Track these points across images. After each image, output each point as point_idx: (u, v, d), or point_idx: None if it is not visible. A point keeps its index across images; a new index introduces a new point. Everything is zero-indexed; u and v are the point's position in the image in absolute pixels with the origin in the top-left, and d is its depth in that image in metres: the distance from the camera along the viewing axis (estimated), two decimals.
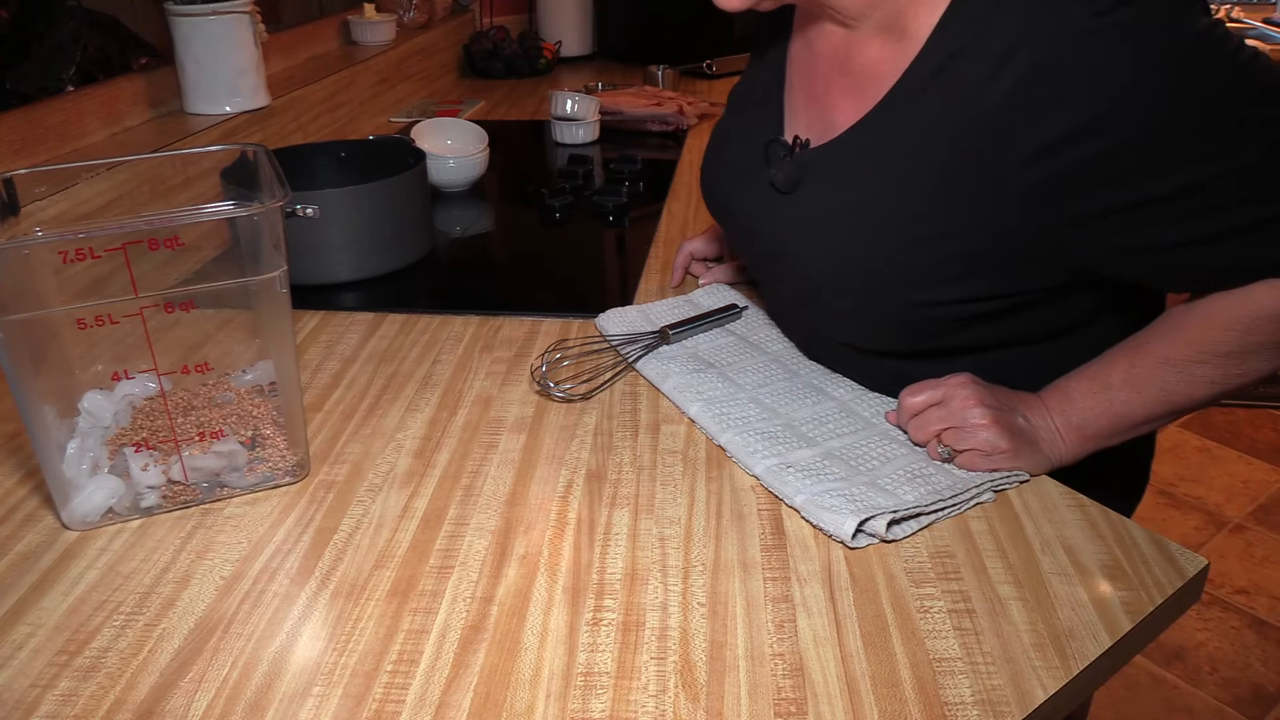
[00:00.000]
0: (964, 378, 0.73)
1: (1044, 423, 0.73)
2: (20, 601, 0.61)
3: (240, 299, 0.71)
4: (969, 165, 0.66)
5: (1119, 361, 0.72)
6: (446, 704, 0.53)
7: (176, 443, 0.70)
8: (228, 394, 0.77)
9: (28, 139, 1.08)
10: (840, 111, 0.76)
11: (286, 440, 0.74)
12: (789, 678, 0.55)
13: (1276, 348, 0.68)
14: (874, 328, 0.76)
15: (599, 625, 0.59)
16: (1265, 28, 2.65)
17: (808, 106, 0.80)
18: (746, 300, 0.98)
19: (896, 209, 0.70)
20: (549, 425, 0.80)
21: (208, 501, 0.71)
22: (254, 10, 1.35)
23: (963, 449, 0.71)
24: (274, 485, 0.72)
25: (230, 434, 0.72)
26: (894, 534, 0.65)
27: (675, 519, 0.68)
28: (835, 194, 0.75)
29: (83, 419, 0.72)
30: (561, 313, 1.00)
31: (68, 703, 0.54)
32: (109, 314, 0.65)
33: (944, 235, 0.68)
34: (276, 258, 0.67)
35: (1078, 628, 0.58)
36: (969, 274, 0.69)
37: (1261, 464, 2.28)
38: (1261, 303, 0.66)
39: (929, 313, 0.72)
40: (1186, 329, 0.70)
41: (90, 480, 0.68)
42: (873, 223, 0.71)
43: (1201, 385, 0.70)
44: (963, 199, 0.67)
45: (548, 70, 2.27)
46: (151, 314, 0.67)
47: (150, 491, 0.69)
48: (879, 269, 0.71)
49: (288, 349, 0.72)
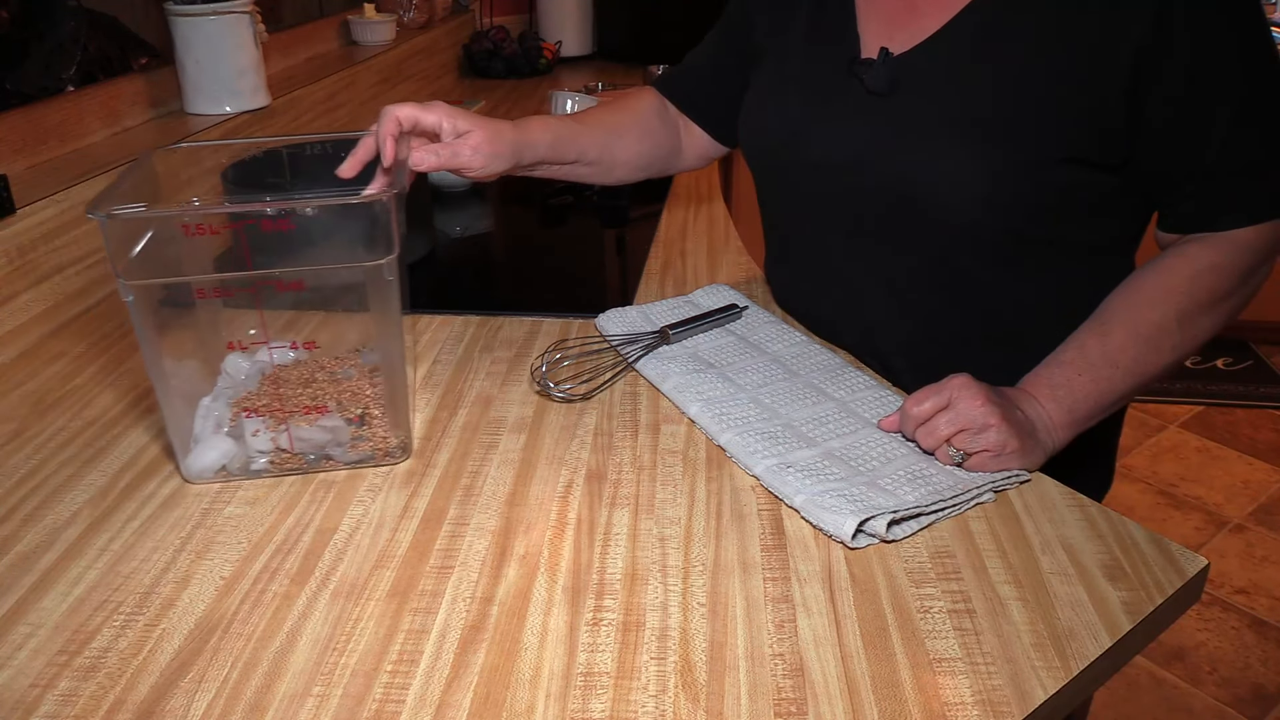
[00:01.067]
0: (964, 379, 0.73)
1: (1038, 413, 0.74)
2: (20, 601, 0.61)
3: (350, 284, 0.76)
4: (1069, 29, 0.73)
5: (1090, 342, 0.76)
6: (446, 704, 0.53)
7: (287, 413, 0.73)
8: (349, 370, 0.79)
9: (28, 139, 1.08)
10: (926, 16, 0.81)
11: (391, 421, 0.75)
12: (789, 678, 0.55)
13: (1217, 304, 0.77)
14: (974, 206, 0.78)
15: (599, 625, 0.59)
16: None
17: (889, 21, 0.84)
18: (747, 300, 0.98)
19: (1007, 73, 0.76)
20: (549, 425, 0.80)
21: (312, 471, 0.74)
22: (254, 10, 1.35)
23: (975, 450, 0.71)
24: (375, 464, 0.75)
25: (335, 410, 0.75)
26: (894, 534, 0.65)
27: (675, 519, 0.68)
28: (939, 88, 0.79)
29: (222, 379, 0.77)
30: (561, 313, 1.00)
31: (68, 703, 0.54)
32: (226, 286, 0.70)
33: (1049, 87, 0.75)
34: (387, 244, 0.70)
35: (1078, 628, 0.58)
36: (1072, 125, 0.75)
37: (1261, 464, 2.28)
38: (1199, 257, 0.76)
39: (1028, 179, 0.77)
40: (1144, 293, 0.77)
41: (211, 438, 0.73)
42: (976, 95, 0.78)
43: (1165, 352, 0.76)
44: (1074, 63, 0.74)
45: (548, 70, 2.27)
46: (265, 291, 0.70)
47: (260, 456, 0.73)
48: (994, 124, 0.77)
49: (395, 333, 0.74)
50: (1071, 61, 0.74)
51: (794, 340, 0.90)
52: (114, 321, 1.00)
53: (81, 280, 1.02)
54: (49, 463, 0.76)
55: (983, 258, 0.82)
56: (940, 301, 0.85)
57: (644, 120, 1.02)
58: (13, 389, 0.87)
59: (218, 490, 0.72)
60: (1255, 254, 0.77)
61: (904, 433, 0.74)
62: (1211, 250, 0.76)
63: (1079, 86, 0.74)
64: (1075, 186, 0.78)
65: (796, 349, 0.89)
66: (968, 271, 0.83)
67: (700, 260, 1.15)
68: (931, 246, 0.83)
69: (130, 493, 0.72)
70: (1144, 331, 0.75)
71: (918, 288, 0.85)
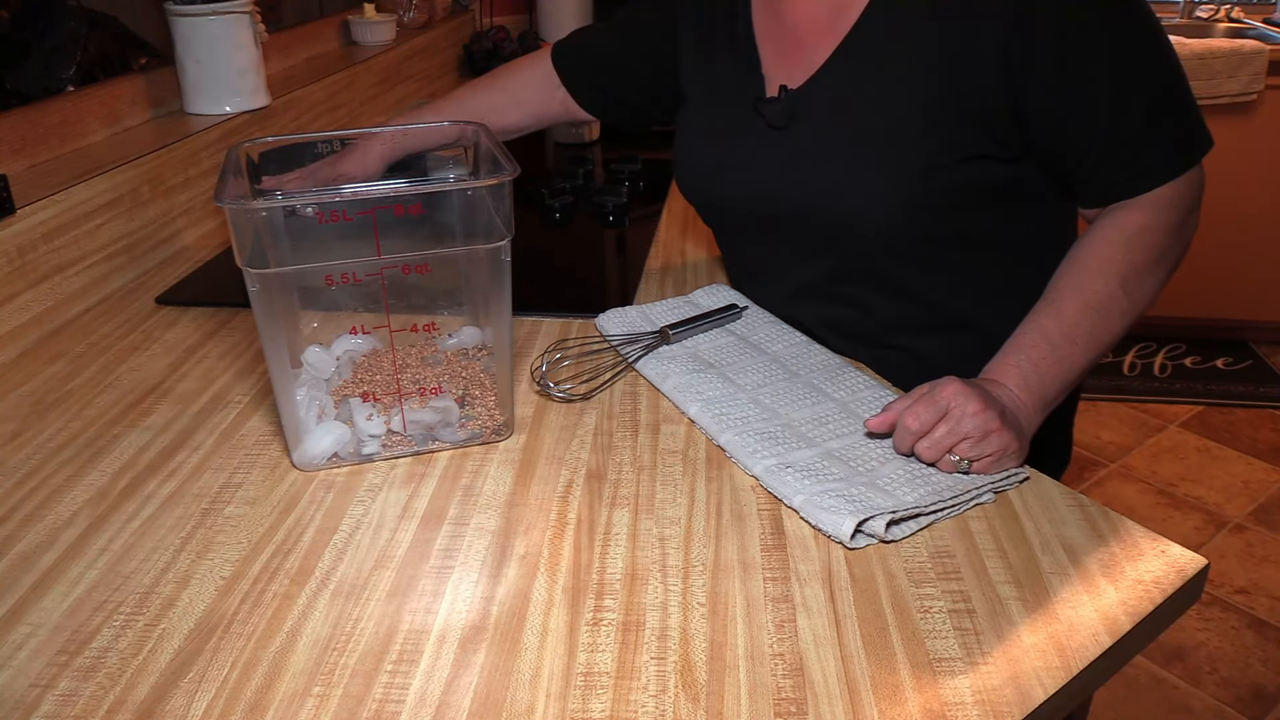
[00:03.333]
0: (955, 385, 0.71)
1: (1013, 400, 0.74)
2: (20, 601, 0.61)
3: (463, 266, 0.82)
4: (949, 40, 0.78)
5: (1047, 322, 0.77)
6: (446, 704, 0.53)
7: (401, 395, 0.74)
8: (437, 355, 0.81)
9: (28, 139, 1.08)
10: (815, 50, 0.86)
11: (496, 400, 0.78)
12: (789, 678, 0.55)
13: (1154, 266, 0.79)
14: (880, 217, 0.83)
15: (599, 625, 0.59)
16: (1265, 28, 2.65)
17: (785, 59, 0.89)
18: (747, 300, 0.98)
19: (890, 89, 0.81)
20: (549, 425, 0.80)
21: (421, 452, 0.76)
22: (254, 10, 1.35)
23: (979, 457, 0.70)
24: (481, 442, 0.77)
25: (447, 391, 0.76)
26: (893, 534, 0.65)
27: (675, 519, 0.68)
28: (831, 115, 0.85)
29: (305, 371, 0.78)
30: (561, 313, 1.00)
31: (68, 703, 0.54)
32: (354, 273, 0.71)
33: (928, 94, 0.79)
34: (502, 229, 0.72)
35: (1078, 628, 0.58)
36: (957, 126, 0.79)
37: (1261, 464, 2.28)
38: (1128, 221, 0.79)
39: (925, 183, 0.81)
40: (1085, 267, 0.79)
41: (318, 426, 0.74)
42: (870, 107, 0.82)
43: (1116, 318, 0.78)
44: (946, 67, 0.78)
45: None
46: (389, 274, 0.72)
47: (372, 440, 0.75)
48: (885, 139, 0.81)
49: (505, 314, 0.76)
50: (945, 67, 0.79)
51: (794, 340, 0.90)
52: (114, 321, 1.00)
53: (81, 280, 1.02)
54: (49, 463, 0.76)
55: (904, 259, 0.87)
56: (873, 299, 0.90)
57: (521, 96, 1.14)
58: (13, 389, 0.87)
59: (218, 490, 0.72)
60: (1179, 207, 0.80)
61: (898, 447, 0.72)
62: (1137, 213, 0.79)
63: (954, 89, 0.79)
64: (977, 183, 0.83)
65: (796, 349, 0.89)
66: (890, 272, 0.88)
67: (700, 260, 1.15)
68: (852, 255, 0.88)
69: (130, 493, 0.72)
70: (1093, 303, 0.77)
71: (849, 287, 0.90)
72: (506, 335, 0.77)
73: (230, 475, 0.74)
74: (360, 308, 0.76)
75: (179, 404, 0.84)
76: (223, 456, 0.76)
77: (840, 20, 0.84)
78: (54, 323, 0.98)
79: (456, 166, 0.89)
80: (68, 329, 0.98)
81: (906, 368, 0.87)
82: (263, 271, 0.68)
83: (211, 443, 0.78)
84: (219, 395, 0.85)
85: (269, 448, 0.77)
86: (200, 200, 1.25)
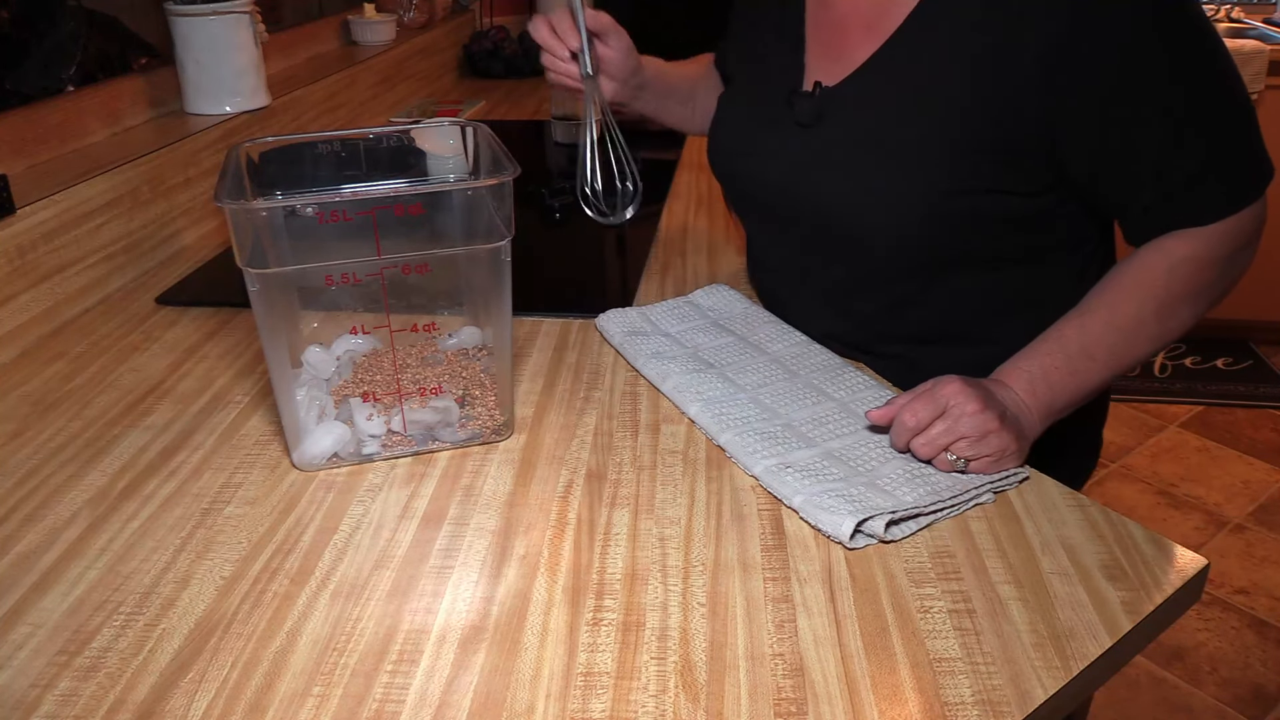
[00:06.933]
0: (956, 384, 0.71)
1: (1016, 403, 0.74)
2: (20, 601, 0.61)
3: (463, 266, 0.82)
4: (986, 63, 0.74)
5: (1069, 333, 0.76)
6: (446, 704, 0.53)
7: (401, 395, 0.75)
8: (437, 355, 0.81)
9: (28, 139, 1.08)
10: (857, 48, 0.83)
11: (496, 400, 0.78)
12: (789, 678, 0.55)
13: (1194, 298, 0.76)
14: (892, 231, 0.81)
15: (599, 625, 0.59)
16: (1265, 28, 2.65)
17: (827, 54, 0.87)
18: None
19: (923, 104, 0.78)
20: (549, 425, 0.80)
21: (421, 453, 0.76)
22: (254, 10, 1.35)
23: (976, 457, 0.70)
24: (481, 442, 0.77)
25: (447, 391, 0.76)
26: (892, 535, 0.65)
27: (675, 519, 0.68)
28: (859, 119, 0.82)
29: (305, 371, 0.78)
30: (561, 313, 1.00)
31: (68, 703, 0.54)
32: (354, 273, 0.71)
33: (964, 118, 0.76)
34: (502, 229, 0.72)
35: (1078, 628, 0.58)
36: (985, 157, 0.76)
37: (1261, 464, 2.28)
38: (1175, 250, 0.75)
39: (943, 205, 0.78)
40: (1122, 287, 0.76)
41: (318, 426, 0.74)
42: (899, 118, 0.79)
43: (1142, 342, 0.76)
44: (985, 92, 0.74)
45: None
46: (390, 275, 0.72)
47: (372, 440, 0.75)
48: (909, 154, 0.78)
49: (505, 314, 0.76)
50: (984, 91, 0.74)
51: (794, 340, 0.90)
52: (114, 321, 1.00)
53: (81, 280, 1.02)
54: (49, 463, 0.76)
55: (912, 273, 0.84)
56: (876, 309, 0.88)
57: (711, 78, 1.14)
58: (13, 389, 0.87)
59: (218, 490, 0.72)
60: (1233, 241, 0.75)
61: (895, 442, 0.72)
62: (1186, 243, 0.75)
63: (989, 120, 0.75)
64: (995, 212, 0.79)
65: (796, 349, 0.89)
66: (895, 284, 0.85)
67: (700, 260, 1.15)
68: (859, 264, 0.86)
69: (130, 493, 0.72)
70: (1121, 324, 0.75)
71: (852, 297, 0.89)
72: (506, 335, 0.77)
73: (230, 475, 0.74)
74: (360, 308, 0.76)
75: (179, 404, 0.84)
76: (223, 456, 0.76)
77: (885, 20, 0.80)
78: (54, 323, 0.98)
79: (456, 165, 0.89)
80: (68, 329, 0.98)
81: (904, 378, 0.86)
82: (263, 271, 0.68)
83: (211, 443, 0.78)
84: (219, 395, 0.85)
85: (269, 448, 0.77)
86: (200, 200, 1.25)
